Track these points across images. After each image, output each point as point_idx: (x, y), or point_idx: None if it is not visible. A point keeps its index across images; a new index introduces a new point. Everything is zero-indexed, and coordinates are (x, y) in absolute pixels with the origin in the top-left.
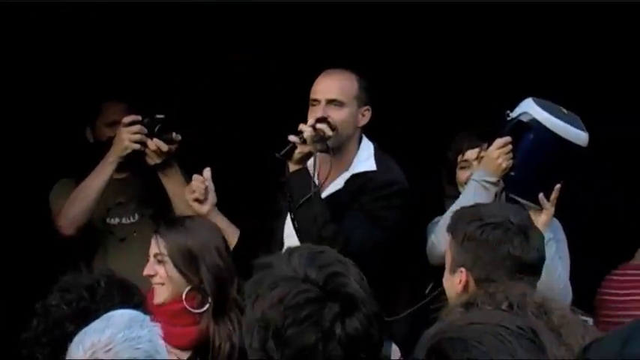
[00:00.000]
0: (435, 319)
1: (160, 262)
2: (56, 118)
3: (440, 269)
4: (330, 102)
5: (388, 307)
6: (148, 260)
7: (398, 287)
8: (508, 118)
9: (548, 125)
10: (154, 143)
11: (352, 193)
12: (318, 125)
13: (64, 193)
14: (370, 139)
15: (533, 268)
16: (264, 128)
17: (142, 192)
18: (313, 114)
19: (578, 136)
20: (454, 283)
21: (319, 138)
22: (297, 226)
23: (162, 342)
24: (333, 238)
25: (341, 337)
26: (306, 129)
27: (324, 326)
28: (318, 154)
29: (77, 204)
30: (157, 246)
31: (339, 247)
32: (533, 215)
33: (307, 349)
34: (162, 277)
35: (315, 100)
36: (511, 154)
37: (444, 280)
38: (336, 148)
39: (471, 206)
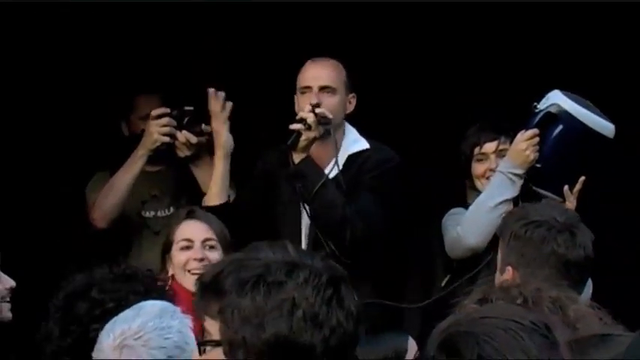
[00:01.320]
0: (448, 315)
1: (211, 247)
2: (92, 112)
3: (462, 262)
4: (323, 89)
5: (398, 296)
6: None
7: (406, 274)
8: (536, 110)
9: (577, 116)
10: (183, 135)
11: (353, 173)
12: (318, 110)
13: (100, 187)
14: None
15: (578, 266)
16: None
17: (177, 185)
18: (306, 101)
19: (607, 127)
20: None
21: (323, 121)
22: (314, 213)
23: (192, 334)
24: (353, 220)
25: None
26: (308, 115)
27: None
28: (335, 138)
29: (109, 197)
30: (206, 232)
31: (360, 225)
32: None
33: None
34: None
35: (307, 87)
36: (538, 146)
37: (495, 279)
38: (328, 134)
39: (520, 206)
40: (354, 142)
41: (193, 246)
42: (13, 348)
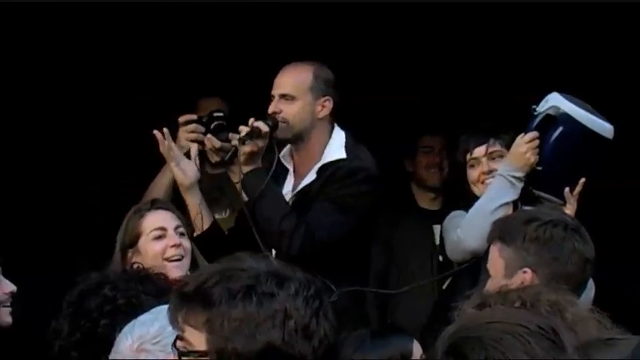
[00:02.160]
0: (450, 318)
1: (182, 234)
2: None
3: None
4: (282, 97)
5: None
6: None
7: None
8: (535, 113)
9: (577, 118)
10: (208, 141)
11: (322, 182)
12: (255, 123)
13: None
14: (345, 129)
15: (592, 264)
16: None
17: (234, 187)
18: (270, 108)
19: (606, 128)
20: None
21: (255, 135)
22: (255, 226)
23: None
24: (292, 231)
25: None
26: (242, 128)
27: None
28: (285, 150)
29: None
30: (175, 219)
31: (300, 239)
32: None
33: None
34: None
35: (272, 94)
36: (537, 149)
37: (489, 285)
38: (297, 141)
39: (520, 211)
40: (334, 151)
41: (166, 234)
42: (15, 352)
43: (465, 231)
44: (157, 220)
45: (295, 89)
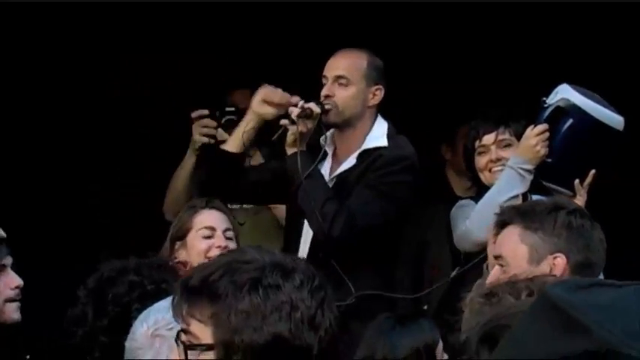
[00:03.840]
0: (458, 308)
1: (229, 238)
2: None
3: (470, 255)
4: (337, 79)
5: (388, 287)
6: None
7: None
8: (545, 105)
9: (587, 109)
10: (219, 134)
11: (362, 169)
12: (306, 105)
13: None
14: (386, 119)
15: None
16: None
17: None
18: (323, 91)
19: (616, 120)
20: (541, 272)
21: (306, 116)
22: (300, 204)
23: None
24: (335, 214)
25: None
26: (294, 110)
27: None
28: (328, 134)
29: (170, 193)
30: (226, 221)
31: (342, 223)
32: None
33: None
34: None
35: (324, 76)
36: (547, 141)
37: (510, 270)
38: (345, 126)
39: (533, 200)
40: (375, 138)
41: (215, 234)
42: (26, 348)
43: (474, 222)
44: (209, 219)
45: (351, 73)
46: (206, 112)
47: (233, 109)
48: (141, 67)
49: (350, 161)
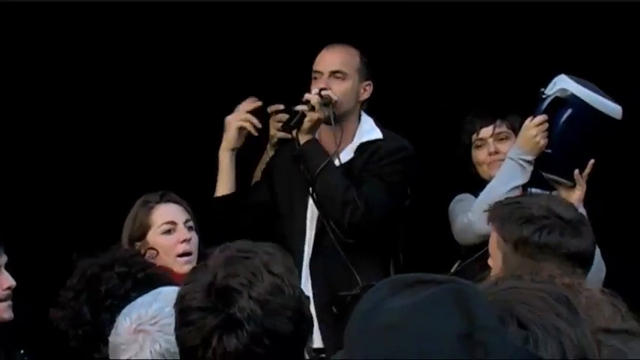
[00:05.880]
0: None
1: (191, 228)
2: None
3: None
4: (333, 74)
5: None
6: None
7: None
8: (543, 96)
9: (586, 99)
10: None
11: (364, 160)
12: (324, 92)
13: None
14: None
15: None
16: None
17: None
18: (317, 86)
19: (614, 109)
20: None
21: (326, 103)
22: (316, 196)
23: None
24: (355, 202)
25: (216, 349)
26: (312, 97)
27: (204, 334)
28: (341, 123)
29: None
30: (184, 213)
31: (362, 210)
32: (565, 192)
33: (188, 350)
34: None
35: (318, 72)
36: (547, 132)
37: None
38: (338, 121)
39: (515, 204)
40: (368, 131)
41: (177, 228)
42: (21, 345)
43: (476, 214)
44: (167, 213)
45: (347, 67)
46: (281, 106)
47: (306, 107)
48: (141, 68)
49: (347, 154)
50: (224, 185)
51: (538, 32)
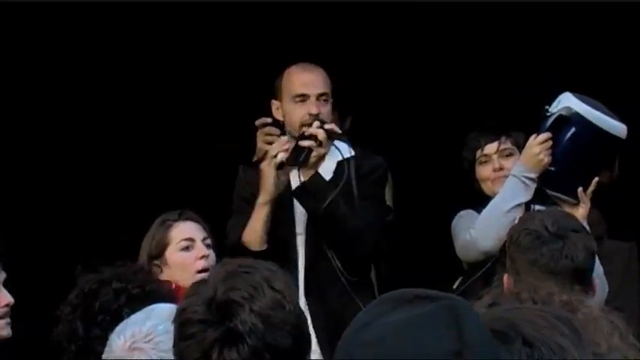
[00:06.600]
0: None
1: (209, 245)
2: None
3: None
4: (320, 96)
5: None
6: None
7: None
8: (547, 114)
9: (590, 118)
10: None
11: (346, 180)
12: (326, 126)
13: None
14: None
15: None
16: None
17: None
18: (303, 110)
19: (618, 128)
20: None
21: (329, 137)
22: (324, 229)
23: None
24: (364, 232)
25: None
26: (318, 132)
27: (204, 347)
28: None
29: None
30: (202, 231)
31: (370, 239)
32: (569, 210)
33: None
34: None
35: (304, 95)
36: (550, 150)
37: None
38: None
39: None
40: (340, 150)
41: (195, 245)
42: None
43: (479, 231)
44: (186, 230)
45: (329, 88)
46: (269, 120)
47: (313, 142)
48: (141, 69)
49: (325, 175)
50: (257, 242)
51: (534, 39)
